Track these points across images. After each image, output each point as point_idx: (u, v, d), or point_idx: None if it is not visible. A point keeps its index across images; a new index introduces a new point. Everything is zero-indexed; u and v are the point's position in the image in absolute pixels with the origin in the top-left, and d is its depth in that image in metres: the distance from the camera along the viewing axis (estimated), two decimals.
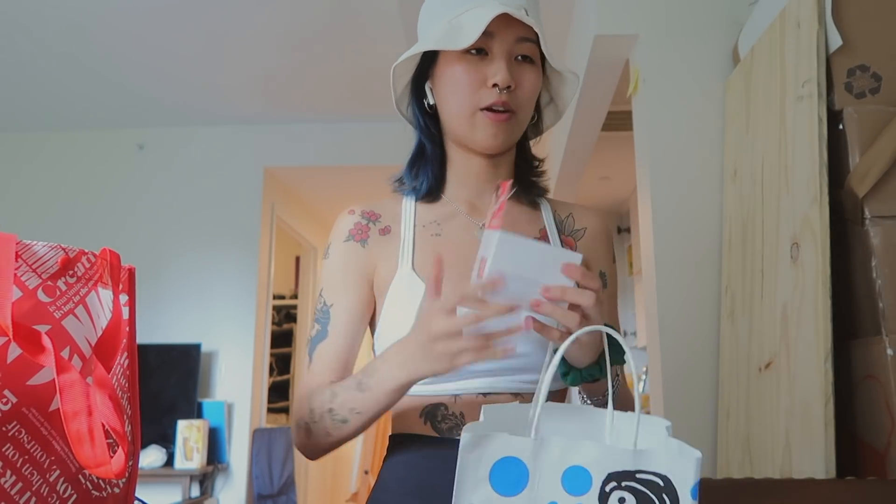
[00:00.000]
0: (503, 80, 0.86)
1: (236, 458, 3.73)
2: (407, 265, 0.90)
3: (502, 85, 0.86)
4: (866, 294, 1.28)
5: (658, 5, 2.01)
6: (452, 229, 0.94)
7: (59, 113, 3.92)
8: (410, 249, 0.92)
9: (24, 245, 0.56)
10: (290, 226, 4.57)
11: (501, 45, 0.88)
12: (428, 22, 0.94)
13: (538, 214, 1.00)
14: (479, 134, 0.89)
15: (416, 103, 0.96)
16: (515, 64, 0.89)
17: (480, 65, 0.88)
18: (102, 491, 0.58)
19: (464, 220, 0.95)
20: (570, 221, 1.01)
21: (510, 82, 0.86)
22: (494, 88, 0.87)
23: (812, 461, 1.25)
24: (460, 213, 0.96)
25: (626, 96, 2.13)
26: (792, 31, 1.49)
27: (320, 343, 0.91)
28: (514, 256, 0.67)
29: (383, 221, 0.95)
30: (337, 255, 0.94)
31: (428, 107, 0.95)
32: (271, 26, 3.02)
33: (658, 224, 1.88)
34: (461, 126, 0.91)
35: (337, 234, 0.95)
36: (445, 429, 0.87)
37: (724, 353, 1.71)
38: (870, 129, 1.32)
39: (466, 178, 0.96)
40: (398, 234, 0.94)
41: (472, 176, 0.96)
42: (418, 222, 0.95)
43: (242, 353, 3.83)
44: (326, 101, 3.81)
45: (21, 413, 0.53)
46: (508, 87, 0.87)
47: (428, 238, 0.93)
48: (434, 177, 0.95)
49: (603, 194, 4.62)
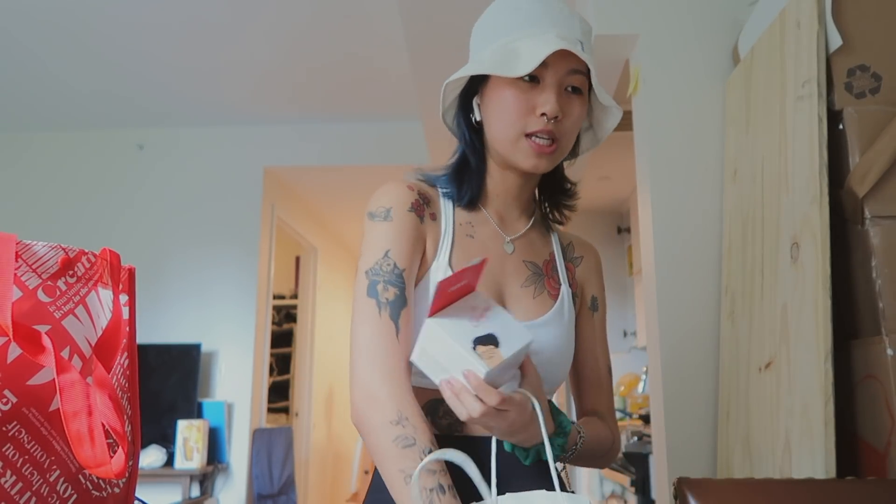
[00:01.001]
0: (552, 111, 0.88)
1: (236, 458, 3.73)
2: (444, 258, 0.93)
3: (551, 115, 0.88)
4: (866, 294, 1.28)
5: (658, 5, 2.01)
6: (484, 235, 0.98)
7: (59, 113, 3.92)
8: (449, 243, 0.94)
9: (24, 245, 0.56)
10: (290, 226, 4.57)
11: (554, 76, 0.89)
12: (482, 40, 0.95)
13: (549, 239, 1.05)
14: (520, 158, 0.92)
15: (463, 117, 0.98)
16: (564, 94, 0.91)
17: (531, 93, 0.89)
18: (102, 491, 0.58)
19: (494, 230, 0.99)
20: (570, 249, 1.07)
21: (559, 113, 0.88)
22: (542, 117, 0.89)
23: (812, 461, 1.25)
24: (491, 223, 0.99)
25: (626, 96, 2.13)
26: (792, 31, 1.49)
27: (403, 310, 0.86)
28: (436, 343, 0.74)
29: (432, 207, 0.96)
30: (403, 221, 0.91)
31: (475, 122, 0.97)
32: (271, 26, 3.02)
33: (658, 224, 1.88)
34: (504, 148, 0.93)
35: (399, 202, 0.92)
36: (445, 425, 0.89)
37: (724, 353, 1.71)
38: (870, 129, 1.32)
39: (500, 191, 1.00)
40: (440, 223, 0.96)
41: (506, 190, 1.00)
42: (456, 220, 0.97)
43: (242, 353, 3.83)
44: (326, 101, 3.81)
45: (21, 413, 0.53)
46: (556, 117, 0.89)
47: (463, 237, 0.96)
48: (477, 189, 0.98)
49: (603, 194, 4.62)
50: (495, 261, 0.96)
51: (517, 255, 0.98)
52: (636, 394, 4.34)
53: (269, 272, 4.15)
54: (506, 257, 0.97)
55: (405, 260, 0.89)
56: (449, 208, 0.98)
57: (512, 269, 0.97)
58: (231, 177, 4.04)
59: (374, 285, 0.86)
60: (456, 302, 0.76)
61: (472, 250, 0.95)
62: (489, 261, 0.94)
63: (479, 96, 0.96)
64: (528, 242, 1.01)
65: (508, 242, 0.99)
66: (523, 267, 0.98)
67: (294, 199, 4.67)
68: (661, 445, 1.82)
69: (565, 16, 0.92)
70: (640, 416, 3.66)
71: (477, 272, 0.77)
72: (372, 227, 0.91)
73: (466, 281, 0.76)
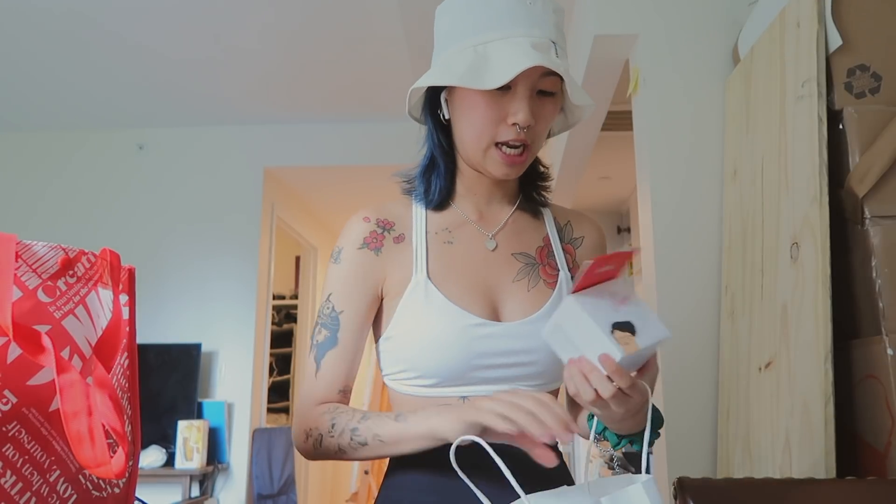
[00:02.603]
0: (524, 121, 0.85)
1: (236, 458, 3.73)
2: (422, 273, 0.91)
3: (523, 125, 0.86)
4: (866, 294, 1.28)
5: (658, 5, 2.01)
6: (463, 237, 0.95)
7: (59, 113, 3.92)
8: (424, 257, 0.92)
9: (24, 245, 0.56)
10: (290, 226, 4.57)
11: (526, 82, 0.86)
12: (449, 35, 0.91)
13: (541, 222, 1.02)
14: (491, 167, 0.90)
15: (430, 114, 0.96)
16: (536, 98, 0.88)
17: (502, 100, 0.86)
18: (102, 491, 0.58)
19: (473, 229, 0.96)
20: (568, 230, 1.03)
21: (531, 122, 0.86)
22: (514, 126, 0.86)
23: (812, 461, 1.25)
24: (470, 222, 0.97)
25: (626, 96, 2.13)
26: (792, 31, 1.49)
27: (330, 350, 0.91)
28: (574, 320, 0.75)
29: (397, 229, 0.95)
30: (350, 261, 0.93)
31: (443, 119, 0.94)
32: (271, 26, 3.02)
33: (658, 224, 1.88)
34: (474, 156, 0.91)
35: (351, 240, 0.94)
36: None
37: (724, 353, 1.71)
38: (870, 129, 1.32)
39: (476, 189, 0.98)
40: (411, 241, 0.94)
41: (482, 188, 0.98)
42: (430, 229, 0.95)
43: (242, 353, 3.83)
44: (326, 101, 3.81)
45: (21, 413, 0.53)
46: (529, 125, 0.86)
47: (441, 245, 0.94)
48: (446, 189, 0.96)
49: (603, 194, 4.62)
50: (479, 261, 0.94)
51: (503, 249, 0.96)
52: None
53: (269, 272, 4.15)
54: (490, 255, 0.95)
55: (344, 301, 0.92)
56: (421, 219, 0.96)
57: (499, 265, 0.94)
58: (231, 177, 4.04)
59: (314, 328, 0.93)
60: (599, 284, 0.77)
61: (452, 257, 0.93)
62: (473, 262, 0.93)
63: (447, 92, 0.93)
64: (515, 232, 0.98)
65: (490, 239, 0.96)
66: (512, 261, 0.95)
67: (294, 199, 4.67)
68: (661, 445, 1.82)
69: (538, 10, 0.87)
70: None
71: (623, 259, 0.76)
72: (328, 269, 0.96)
73: (613, 267, 0.76)
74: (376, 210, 0.97)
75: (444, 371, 0.86)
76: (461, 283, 0.91)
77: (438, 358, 0.86)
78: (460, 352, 0.86)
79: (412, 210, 0.97)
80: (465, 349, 0.86)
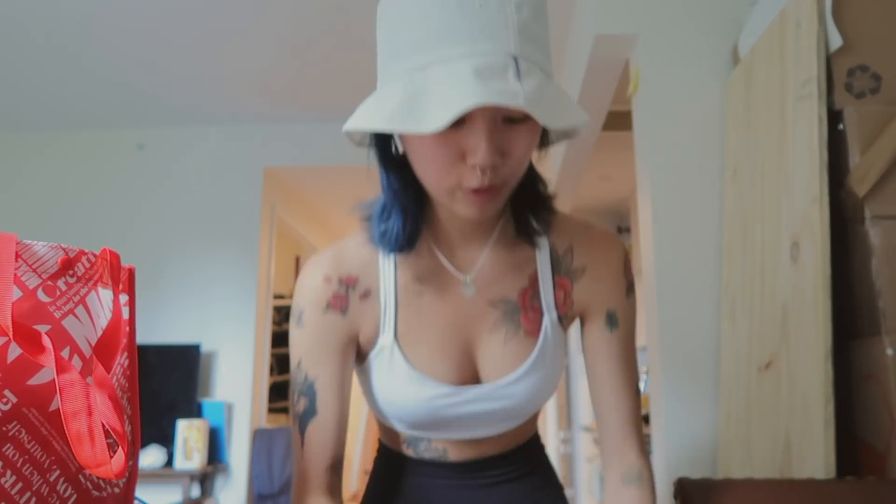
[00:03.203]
0: (484, 161, 0.66)
1: (236, 458, 3.73)
2: (388, 335, 0.82)
3: (484, 166, 0.66)
4: (866, 294, 1.28)
5: (658, 5, 2.01)
6: (436, 286, 0.84)
7: (59, 113, 3.92)
8: (392, 316, 0.82)
9: (24, 245, 0.56)
10: (290, 226, 4.57)
11: (483, 112, 0.65)
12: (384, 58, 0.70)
13: (530, 255, 0.86)
14: (460, 209, 0.72)
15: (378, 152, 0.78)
16: (503, 127, 0.67)
17: (457, 136, 0.67)
18: (102, 491, 0.58)
19: (447, 276, 0.84)
20: (567, 259, 0.86)
21: (494, 161, 0.66)
22: (475, 169, 0.67)
23: (812, 461, 1.25)
24: (442, 269, 0.84)
25: (626, 96, 2.13)
26: (792, 31, 1.49)
27: (310, 421, 0.81)
28: None
29: (362, 284, 0.83)
30: (315, 326, 0.82)
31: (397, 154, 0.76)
32: (271, 26, 3.02)
33: (658, 224, 1.88)
34: (441, 199, 0.74)
35: (312, 303, 0.82)
36: (427, 458, 0.89)
37: (724, 353, 1.71)
38: (870, 129, 1.32)
39: (449, 225, 0.83)
40: (378, 296, 0.83)
41: (455, 223, 0.83)
42: (399, 281, 0.83)
43: (242, 353, 3.83)
44: (326, 101, 3.81)
45: (21, 413, 0.53)
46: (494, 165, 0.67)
47: (410, 300, 0.83)
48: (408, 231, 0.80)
49: (603, 194, 4.62)
50: (454, 312, 0.83)
51: (480, 296, 0.83)
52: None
53: (269, 272, 4.15)
54: (467, 303, 0.83)
55: (316, 367, 0.81)
56: (389, 270, 0.83)
57: (476, 314, 0.83)
58: (231, 177, 4.04)
59: (292, 395, 0.84)
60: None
61: (422, 311, 0.82)
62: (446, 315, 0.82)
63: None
64: (497, 273, 0.84)
65: (468, 285, 0.83)
66: (489, 310, 0.83)
67: (294, 199, 4.66)
68: (661, 446, 1.82)
69: (491, 12, 0.64)
70: None
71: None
72: (291, 331, 0.85)
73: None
74: (336, 263, 0.83)
75: (416, 425, 0.85)
76: (431, 343, 0.82)
77: (406, 418, 0.83)
78: (428, 416, 0.82)
79: (379, 259, 0.84)
80: (433, 414, 0.82)
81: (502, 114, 0.67)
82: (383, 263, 0.83)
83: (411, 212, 0.80)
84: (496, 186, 0.70)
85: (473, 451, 0.88)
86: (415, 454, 0.89)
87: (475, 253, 0.84)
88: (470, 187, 0.69)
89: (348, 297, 0.82)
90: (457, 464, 0.88)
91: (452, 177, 0.69)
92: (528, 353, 0.82)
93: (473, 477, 0.88)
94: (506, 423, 0.86)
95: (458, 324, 0.83)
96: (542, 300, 0.84)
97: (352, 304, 0.82)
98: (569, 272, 0.86)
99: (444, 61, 0.64)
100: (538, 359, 0.82)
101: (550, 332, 0.83)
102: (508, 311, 0.83)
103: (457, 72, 0.62)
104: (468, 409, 0.82)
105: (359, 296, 0.83)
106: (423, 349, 0.81)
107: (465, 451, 0.88)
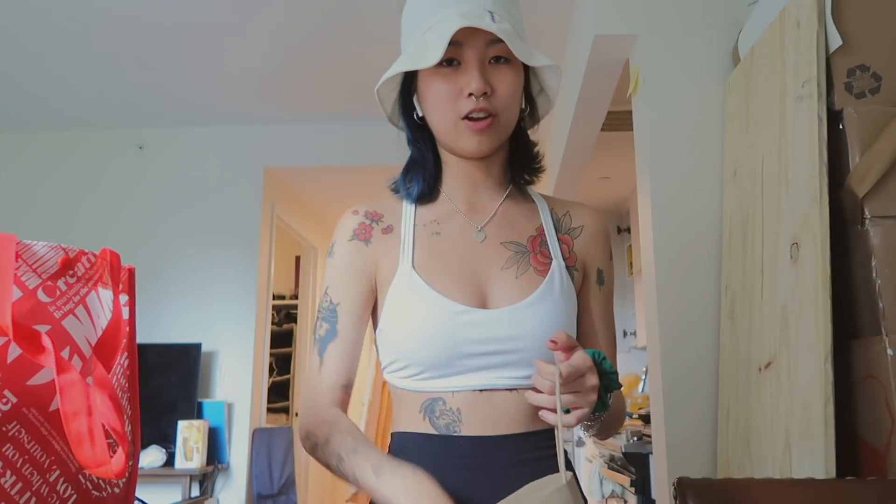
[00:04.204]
0: (477, 89, 0.87)
1: (236, 458, 3.73)
2: (407, 263, 0.92)
3: (477, 93, 0.87)
4: (866, 294, 1.28)
5: (658, 5, 2.01)
6: (451, 228, 0.96)
7: (59, 113, 3.92)
8: (410, 248, 0.94)
9: (24, 245, 0.56)
10: (290, 226, 4.57)
11: (472, 52, 0.89)
12: (405, 34, 0.96)
13: (535, 212, 1.01)
14: (463, 142, 0.91)
15: (405, 117, 0.99)
16: (490, 67, 0.90)
17: (456, 76, 0.89)
18: (102, 491, 0.58)
19: (462, 220, 0.97)
20: (566, 220, 1.01)
21: (485, 89, 0.88)
22: (471, 97, 0.88)
23: (812, 461, 1.25)
24: (458, 213, 0.98)
25: (626, 96, 2.13)
26: (792, 31, 1.49)
27: (330, 343, 0.94)
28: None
29: (385, 221, 0.98)
30: (341, 253, 0.97)
31: (418, 118, 0.97)
32: (271, 26, 3.02)
33: (658, 224, 1.88)
34: (447, 136, 0.93)
35: (342, 234, 0.98)
36: (442, 425, 0.88)
37: (724, 353, 1.71)
38: (870, 129, 1.32)
39: (462, 179, 0.99)
40: (399, 232, 0.96)
41: (468, 178, 0.99)
42: (418, 222, 0.97)
43: (242, 353, 3.83)
44: (326, 101, 3.81)
45: (21, 413, 0.53)
46: (485, 93, 0.88)
47: (428, 237, 0.96)
48: (426, 182, 0.98)
49: (603, 194, 4.62)
50: (467, 251, 0.94)
51: (492, 239, 0.96)
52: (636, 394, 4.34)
53: (269, 272, 4.15)
54: (479, 246, 0.95)
55: (340, 293, 0.95)
56: (410, 212, 0.98)
57: (488, 255, 0.94)
58: (231, 177, 4.04)
59: (316, 322, 0.97)
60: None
61: (439, 248, 0.94)
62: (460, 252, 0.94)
63: (416, 93, 0.96)
64: (506, 222, 0.98)
65: (479, 231, 0.96)
66: (501, 249, 0.95)
67: (294, 199, 4.67)
68: (661, 445, 1.82)
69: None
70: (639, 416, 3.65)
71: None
72: (325, 263, 1.00)
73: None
74: (366, 203, 1.00)
75: (430, 359, 0.87)
76: (447, 272, 0.92)
77: (424, 346, 0.87)
78: (445, 339, 0.86)
79: (402, 204, 1.00)
80: (450, 336, 0.86)
81: (489, 55, 0.89)
82: (406, 208, 0.99)
83: (430, 165, 0.98)
84: (490, 115, 0.89)
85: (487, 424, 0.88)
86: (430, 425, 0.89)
87: (487, 205, 0.99)
88: (469, 113, 0.88)
89: (372, 229, 0.97)
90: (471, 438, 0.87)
91: (454, 110, 0.89)
92: (535, 286, 0.92)
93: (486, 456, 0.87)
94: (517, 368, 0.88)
95: (471, 261, 0.93)
96: (549, 248, 0.96)
97: (375, 236, 0.97)
98: (569, 230, 1.00)
99: (440, 20, 0.87)
100: (546, 289, 0.91)
101: (558, 274, 0.93)
102: (520, 252, 0.95)
103: (446, 19, 0.87)
104: (481, 333, 0.87)
105: (381, 230, 0.97)
106: (439, 277, 0.91)
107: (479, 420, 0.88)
